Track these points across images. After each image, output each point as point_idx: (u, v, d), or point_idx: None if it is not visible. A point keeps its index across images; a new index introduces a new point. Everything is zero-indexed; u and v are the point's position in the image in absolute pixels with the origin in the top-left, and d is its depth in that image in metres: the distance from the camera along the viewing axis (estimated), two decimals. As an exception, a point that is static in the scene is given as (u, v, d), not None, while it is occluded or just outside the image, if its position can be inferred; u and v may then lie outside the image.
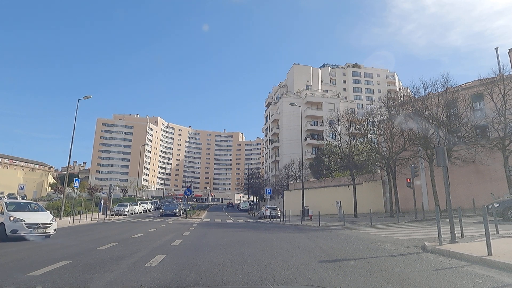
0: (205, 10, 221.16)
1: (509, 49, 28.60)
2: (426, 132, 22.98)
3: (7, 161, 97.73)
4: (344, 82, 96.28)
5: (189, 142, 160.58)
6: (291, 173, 54.45)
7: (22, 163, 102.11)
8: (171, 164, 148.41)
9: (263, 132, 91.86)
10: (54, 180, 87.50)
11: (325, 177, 45.99)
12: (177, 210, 34.88)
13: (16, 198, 45.10)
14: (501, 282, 5.21)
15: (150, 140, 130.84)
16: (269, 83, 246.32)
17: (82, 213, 26.25)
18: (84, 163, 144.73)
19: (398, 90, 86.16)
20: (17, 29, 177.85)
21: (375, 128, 32.21)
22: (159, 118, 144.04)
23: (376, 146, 30.23)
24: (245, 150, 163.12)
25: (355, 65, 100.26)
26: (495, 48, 29.37)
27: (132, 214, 38.53)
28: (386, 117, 29.23)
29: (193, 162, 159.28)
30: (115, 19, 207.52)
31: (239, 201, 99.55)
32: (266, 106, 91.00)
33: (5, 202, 12.71)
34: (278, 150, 72.03)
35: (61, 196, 34.65)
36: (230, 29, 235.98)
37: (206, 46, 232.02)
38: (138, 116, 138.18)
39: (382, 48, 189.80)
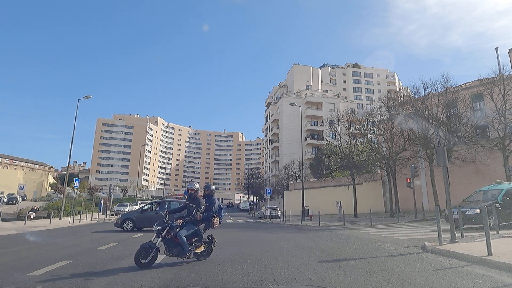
0: (205, 10, 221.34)
1: (509, 49, 28.56)
2: (426, 132, 22.98)
3: (7, 161, 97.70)
4: (344, 82, 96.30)
5: (189, 142, 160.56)
6: (291, 173, 54.44)
7: (22, 163, 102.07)
8: (171, 164, 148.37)
9: (263, 132, 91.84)
10: (54, 180, 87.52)
11: (325, 177, 45.99)
12: (177, 210, 34.77)
13: (16, 198, 45.22)
14: (501, 282, 5.21)
15: (150, 140, 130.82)
16: (269, 83, 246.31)
17: (82, 213, 26.25)
18: (84, 163, 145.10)
19: (398, 90, 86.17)
20: (17, 29, 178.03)
21: (375, 128, 32.22)
22: (159, 118, 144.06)
23: (376, 146, 30.24)
24: (245, 150, 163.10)
25: (355, 65, 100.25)
26: (495, 48, 29.34)
27: (132, 214, 38.41)
28: (386, 117, 29.26)
29: (193, 162, 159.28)
30: (115, 19, 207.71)
31: (239, 201, 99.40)
32: (266, 106, 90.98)
33: None
34: (278, 150, 72.01)
35: (61, 196, 34.63)
36: (230, 29, 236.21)
37: (206, 46, 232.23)
38: (138, 116, 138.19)
39: (383, 48, 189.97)
